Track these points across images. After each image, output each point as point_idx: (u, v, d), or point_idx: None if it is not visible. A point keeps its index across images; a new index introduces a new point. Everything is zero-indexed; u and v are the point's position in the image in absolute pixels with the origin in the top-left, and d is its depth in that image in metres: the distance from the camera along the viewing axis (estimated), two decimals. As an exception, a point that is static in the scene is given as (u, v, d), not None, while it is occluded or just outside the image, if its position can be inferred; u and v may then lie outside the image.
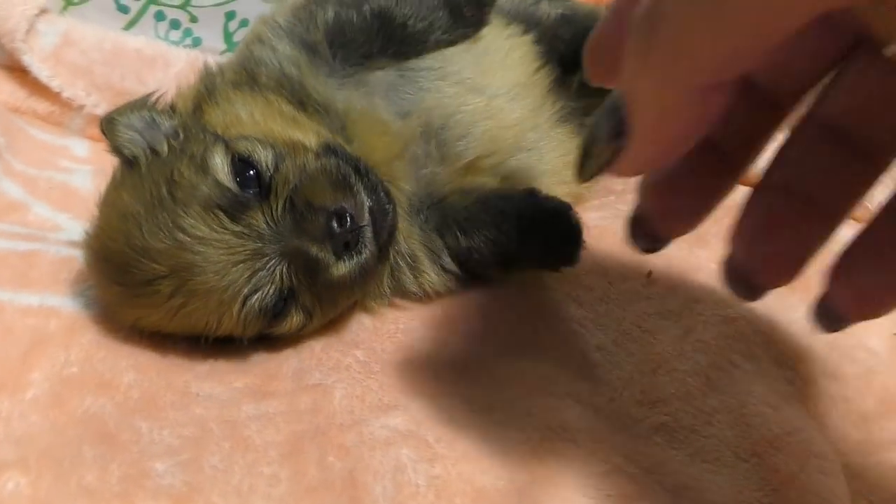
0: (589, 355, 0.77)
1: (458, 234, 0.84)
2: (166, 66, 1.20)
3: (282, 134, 0.77)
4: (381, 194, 0.75)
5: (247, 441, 0.65)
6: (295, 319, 0.75)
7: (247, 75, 0.83)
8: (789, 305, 0.81)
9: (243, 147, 0.73)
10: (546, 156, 0.93)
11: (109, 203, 0.76)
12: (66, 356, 0.72)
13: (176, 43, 1.27)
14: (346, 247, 0.71)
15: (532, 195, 0.84)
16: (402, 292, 0.85)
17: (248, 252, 0.70)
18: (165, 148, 0.76)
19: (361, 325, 0.82)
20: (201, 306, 0.71)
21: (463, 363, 0.77)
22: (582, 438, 0.65)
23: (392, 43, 0.87)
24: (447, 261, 0.85)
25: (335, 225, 0.70)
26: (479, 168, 0.87)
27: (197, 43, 1.28)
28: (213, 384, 0.72)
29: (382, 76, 0.87)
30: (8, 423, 0.65)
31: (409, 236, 0.84)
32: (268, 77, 0.82)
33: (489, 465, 0.64)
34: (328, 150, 0.76)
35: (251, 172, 0.72)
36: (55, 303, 0.77)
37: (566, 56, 0.98)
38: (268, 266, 0.70)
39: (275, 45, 0.85)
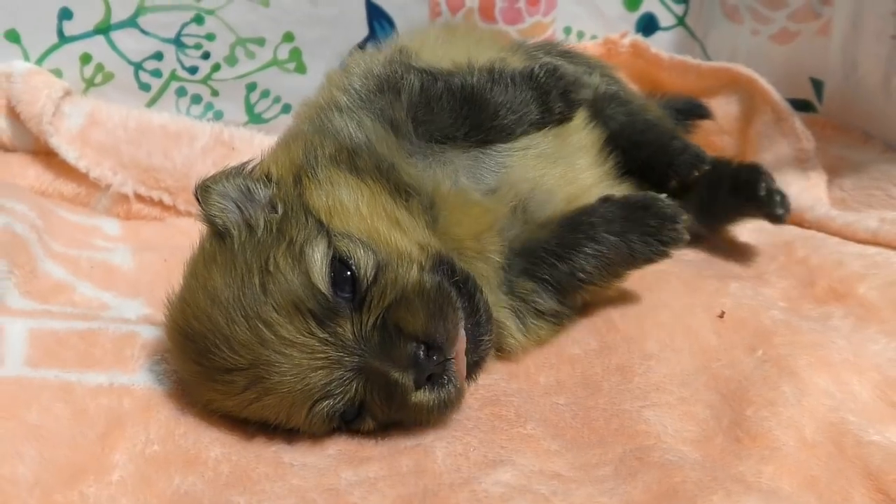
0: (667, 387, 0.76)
1: (556, 262, 0.83)
2: (192, 140, 1.18)
3: (386, 237, 0.74)
4: (482, 319, 0.72)
5: (354, 509, 0.62)
6: (365, 426, 0.72)
7: (347, 156, 0.80)
8: (868, 337, 0.83)
9: (345, 248, 0.70)
10: None
11: (197, 278, 0.72)
12: (147, 435, 0.69)
13: (198, 118, 1.26)
14: (429, 378, 0.68)
15: (607, 199, 0.86)
16: None
17: (328, 360, 0.67)
18: (262, 224, 0.72)
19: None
20: (274, 403, 0.68)
21: (549, 415, 0.76)
22: (709, 484, 0.63)
23: (479, 131, 0.86)
24: (542, 303, 0.84)
25: (422, 355, 0.67)
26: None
27: (219, 116, 1.28)
28: (303, 453, 0.69)
29: (464, 155, 0.85)
30: (98, 509, 0.61)
31: (497, 304, 0.81)
32: (364, 159, 0.80)
33: (610, 515, 0.62)
34: (437, 264, 0.73)
35: (348, 275, 0.69)
36: (125, 381, 0.74)
37: (617, 137, 1.00)
38: (345, 377, 0.67)
39: (360, 119, 0.83)
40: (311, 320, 0.66)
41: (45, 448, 0.65)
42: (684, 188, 0.98)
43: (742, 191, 0.98)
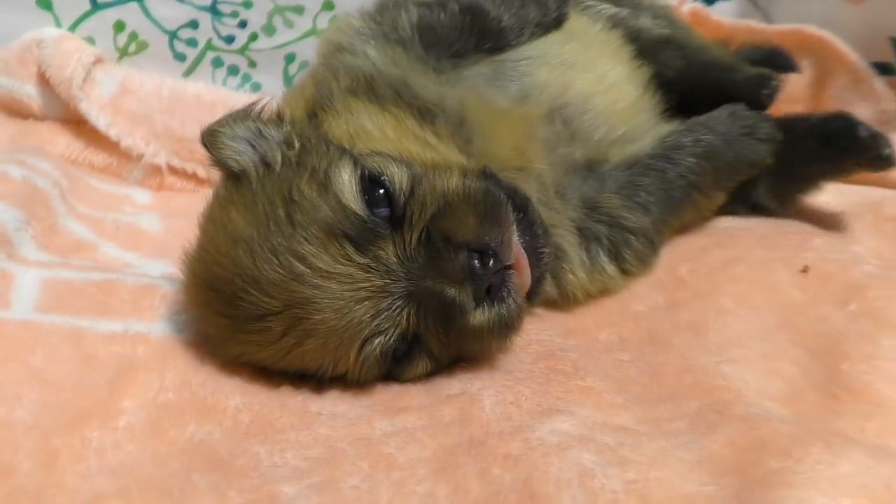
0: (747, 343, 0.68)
1: (667, 165, 0.82)
2: (227, 110, 1.12)
3: (419, 154, 0.67)
4: (539, 231, 0.64)
5: (388, 459, 0.54)
6: (420, 366, 0.63)
7: (365, 83, 0.74)
8: None
9: (374, 163, 0.63)
10: None
11: (216, 223, 0.65)
12: (161, 382, 0.61)
13: (234, 90, 1.21)
14: (488, 291, 0.60)
15: (695, 119, 0.87)
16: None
17: (373, 289, 0.59)
18: (279, 160, 0.65)
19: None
20: (316, 347, 0.60)
21: (611, 370, 0.67)
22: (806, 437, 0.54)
23: (487, 38, 0.83)
24: (633, 219, 0.78)
25: (477, 264, 0.59)
26: (620, 143, 0.83)
27: (256, 88, 1.23)
28: (334, 402, 0.61)
29: (480, 70, 0.81)
30: (101, 454, 0.54)
31: (555, 226, 0.74)
32: (382, 85, 0.74)
33: (687, 469, 0.53)
34: (482, 174, 0.66)
35: (381, 193, 0.62)
36: (141, 328, 0.67)
37: (674, 83, 0.95)
38: (394, 307, 0.59)
39: (365, 51, 0.78)
40: (348, 245, 0.59)
41: (47, 392, 0.58)
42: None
43: (835, 140, 0.86)
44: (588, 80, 0.83)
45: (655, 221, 0.80)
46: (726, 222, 0.89)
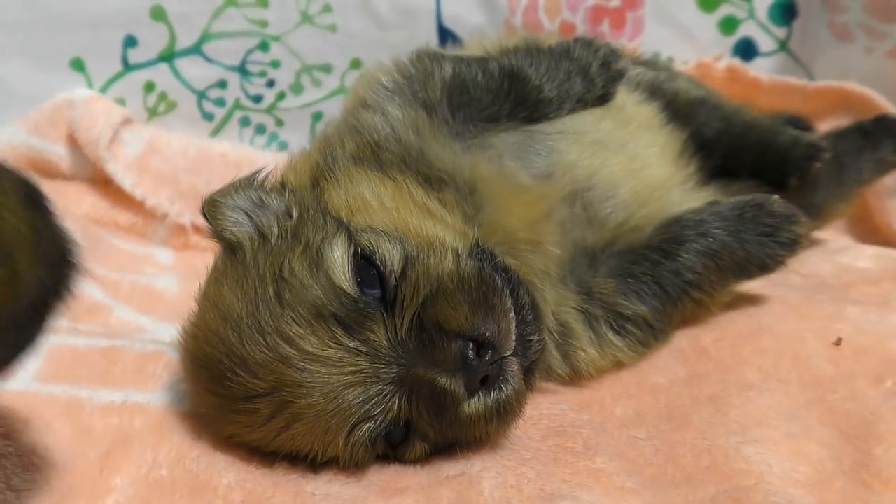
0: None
1: (660, 258, 0.76)
2: (253, 170, 1.13)
3: (416, 227, 0.66)
4: (529, 316, 0.62)
5: (381, 545, 0.51)
6: (418, 449, 0.61)
7: (370, 151, 0.73)
8: None
9: (367, 241, 0.62)
10: None
11: (209, 298, 0.64)
12: (154, 457, 0.60)
13: (262, 149, 1.22)
14: (483, 382, 0.58)
15: (716, 202, 0.80)
16: (549, 373, 0.73)
17: (363, 374, 0.57)
18: (276, 231, 0.65)
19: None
20: (305, 431, 0.58)
21: (624, 449, 0.64)
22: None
23: (523, 107, 0.80)
24: (628, 306, 0.74)
25: (471, 354, 0.56)
26: (628, 231, 0.79)
27: (283, 147, 1.24)
28: (329, 483, 0.59)
29: (507, 138, 0.78)
30: (84, 536, 0.52)
31: (562, 304, 0.72)
32: (389, 151, 0.73)
33: (698, 567, 0.49)
34: (476, 252, 0.64)
35: (374, 272, 0.60)
36: (140, 399, 0.66)
37: (714, 145, 0.93)
38: (384, 392, 0.57)
39: (385, 109, 0.77)
40: (337, 328, 0.57)
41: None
42: (805, 183, 0.91)
43: (878, 130, 0.98)
44: (618, 162, 0.80)
45: (654, 310, 0.76)
46: (753, 288, 0.86)
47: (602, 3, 1.27)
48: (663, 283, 0.75)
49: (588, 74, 0.82)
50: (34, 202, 0.49)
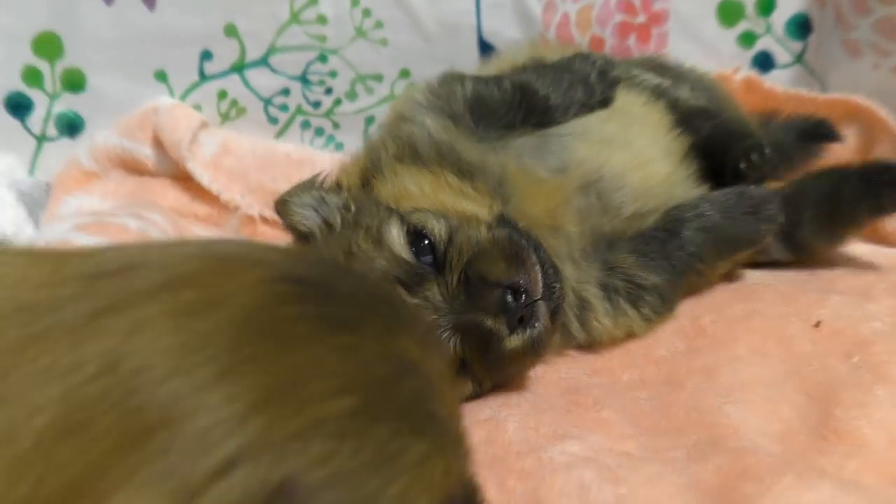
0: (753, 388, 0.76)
1: (666, 237, 0.88)
2: (313, 167, 1.26)
3: (453, 205, 0.80)
4: (550, 269, 0.75)
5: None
6: (466, 389, 0.75)
7: (409, 150, 0.86)
8: None
9: (417, 219, 0.76)
10: None
11: None
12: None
13: (320, 149, 1.35)
14: (520, 321, 0.71)
15: (707, 194, 0.93)
16: (568, 341, 0.86)
17: None
18: (339, 221, 0.79)
19: (523, 375, 0.81)
20: None
21: (627, 406, 0.76)
22: (783, 469, 0.62)
23: (534, 114, 0.92)
24: (645, 277, 0.86)
25: (510, 299, 0.70)
26: (640, 219, 0.90)
27: (339, 147, 1.36)
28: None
29: (525, 141, 0.91)
30: None
31: (583, 278, 0.85)
32: (425, 149, 0.86)
33: (676, 491, 0.62)
34: (501, 221, 0.78)
35: (426, 243, 0.74)
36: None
37: (706, 149, 1.01)
38: (442, 338, 0.70)
39: (422, 121, 0.90)
40: (400, 289, 0.71)
41: None
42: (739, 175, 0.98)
43: (881, 181, 0.95)
44: (624, 157, 0.91)
45: (666, 281, 0.88)
46: (753, 278, 0.97)
47: (629, 19, 1.37)
48: (671, 257, 0.87)
49: (588, 83, 0.95)
50: None
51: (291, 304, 0.35)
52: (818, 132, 1.18)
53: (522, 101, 0.92)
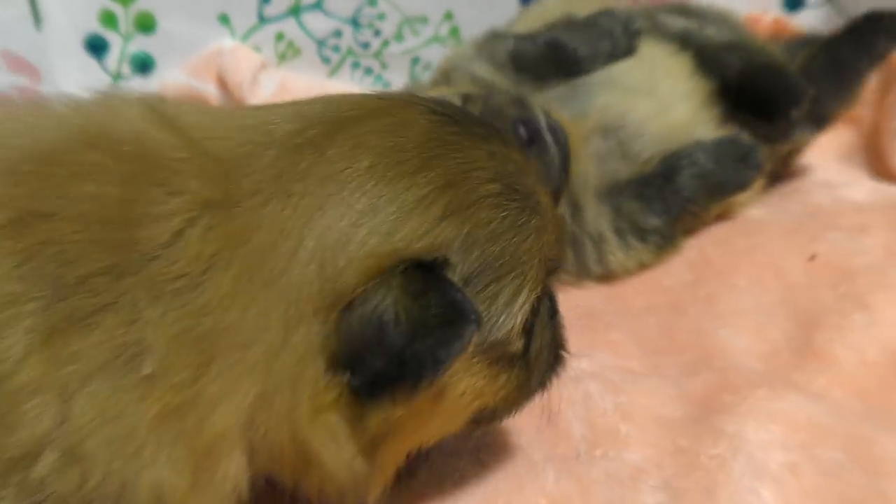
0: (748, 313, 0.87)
1: (663, 182, 0.97)
2: (363, 106, 1.38)
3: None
4: (556, 122, 0.88)
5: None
6: None
7: (442, 75, 1.01)
8: None
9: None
10: None
11: None
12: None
13: (369, 87, 1.46)
14: (529, 142, 0.85)
15: (700, 142, 1.00)
16: (587, 273, 0.97)
17: None
18: None
19: (547, 300, 0.93)
20: None
21: (636, 329, 0.87)
22: (759, 383, 0.73)
23: (565, 66, 1.02)
24: (647, 220, 0.96)
25: (521, 129, 0.85)
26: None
27: (387, 86, 1.46)
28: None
29: (557, 90, 1.01)
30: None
31: (599, 216, 0.96)
32: (458, 74, 1.01)
33: (668, 400, 0.74)
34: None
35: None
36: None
37: (733, 84, 1.07)
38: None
39: (471, 68, 1.03)
40: None
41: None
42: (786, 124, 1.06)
43: (871, 30, 1.10)
44: (646, 105, 1.00)
45: (664, 221, 0.97)
46: (758, 215, 1.06)
47: (662, -40, 1.44)
48: (667, 200, 0.97)
49: (612, 36, 1.04)
50: None
51: (450, 125, 0.53)
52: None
53: (554, 54, 1.02)
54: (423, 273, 0.47)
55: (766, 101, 1.05)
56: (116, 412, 0.41)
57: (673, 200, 0.97)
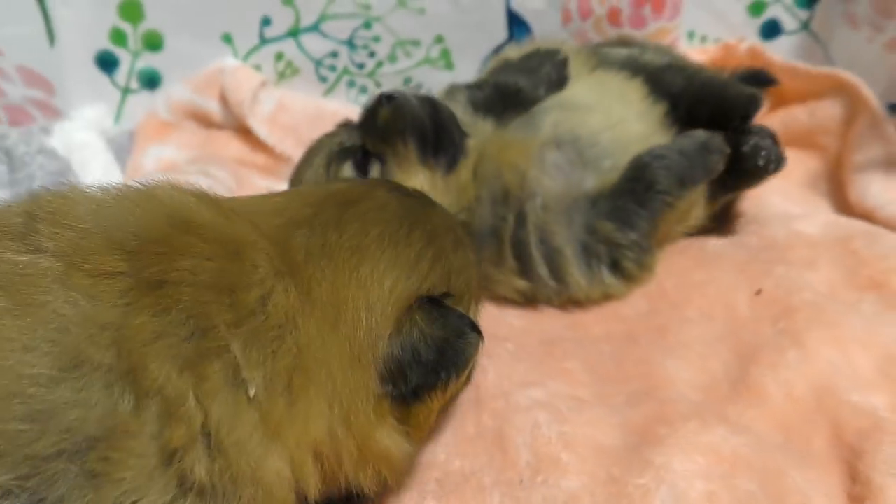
0: (694, 346, 0.94)
1: (634, 182, 1.02)
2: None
3: None
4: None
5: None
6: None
7: None
8: (887, 321, 0.92)
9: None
10: None
11: None
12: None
13: (363, 104, 1.53)
14: (388, 100, 1.01)
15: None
16: (541, 284, 1.03)
17: None
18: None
19: (511, 326, 1.01)
20: None
21: (591, 357, 0.95)
22: (692, 415, 0.81)
23: (512, 100, 1.11)
24: (622, 236, 1.01)
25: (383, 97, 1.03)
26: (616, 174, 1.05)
27: (380, 104, 1.54)
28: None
29: (515, 121, 1.09)
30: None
31: (556, 230, 1.01)
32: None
33: (609, 429, 0.82)
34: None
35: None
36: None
37: (682, 102, 1.15)
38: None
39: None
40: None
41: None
42: (744, 129, 1.11)
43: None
44: (598, 119, 1.05)
45: (642, 232, 1.01)
46: (716, 247, 1.10)
47: (644, -11, 1.50)
48: (644, 201, 1.01)
49: (544, 66, 1.14)
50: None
51: (407, 198, 0.78)
52: (759, 78, 1.35)
53: (501, 94, 1.11)
54: (434, 305, 0.69)
55: (719, 112, 1.12)
56: (239, 421, 0.56)
57: (650, 198, 1.01)
